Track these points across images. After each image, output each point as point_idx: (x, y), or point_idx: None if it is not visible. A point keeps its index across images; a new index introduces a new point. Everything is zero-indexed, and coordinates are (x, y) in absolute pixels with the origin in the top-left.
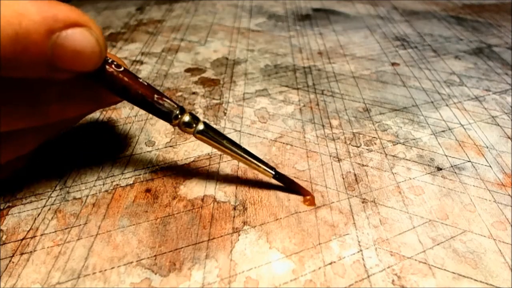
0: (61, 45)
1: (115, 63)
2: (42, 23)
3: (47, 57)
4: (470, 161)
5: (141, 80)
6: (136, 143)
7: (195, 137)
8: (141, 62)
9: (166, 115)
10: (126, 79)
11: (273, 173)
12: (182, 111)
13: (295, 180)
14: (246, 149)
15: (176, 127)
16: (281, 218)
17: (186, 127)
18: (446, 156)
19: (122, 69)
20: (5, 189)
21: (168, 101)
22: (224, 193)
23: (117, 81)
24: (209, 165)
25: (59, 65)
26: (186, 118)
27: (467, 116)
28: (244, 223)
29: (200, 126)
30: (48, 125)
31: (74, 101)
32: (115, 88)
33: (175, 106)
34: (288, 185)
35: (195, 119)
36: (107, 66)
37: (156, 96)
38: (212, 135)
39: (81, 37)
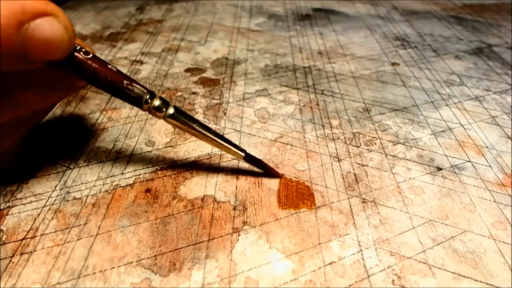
0: (31, 36)
1: (83, 49)
2: (11, 17)
3: (19, 50)
4: (470, 161)
5: (110, 66)
6: (136, 143)
7: (166, 121)
8: (141, 62)
9: (136, 100)
10: (95, 65)
11: (243, 154)
12: (152, 95)
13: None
14: (217, 132)
15: (147, 112)
16: (281, 218)
17: (156, 112)
18: (446, 156)
19: (90, 55)
20: (5, 189)
21: (138, 86)
22: (224, 193)
23: (86, 68)
24: (209, 165)
25: (31, 55)
26: (157, 102)
27: (467, 116)
28: (244, 223)
29: (171, 110)
30: (23, 118)
31: (45, 91)
32: (84, 75)
33: (145, 91)
34: (259, 167)
35: (165, 103)
36: (76, 53)
37: (125, 81)
38: (183, 119)
39: (50, 26)
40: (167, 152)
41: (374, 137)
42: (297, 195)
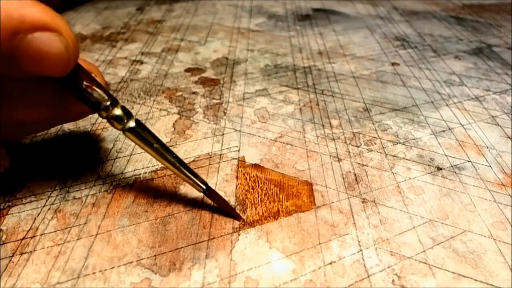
0: (25, 47)
1: None
2: (5, 23)
3: (9, 57)
4: (470, 161)
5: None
6: None
7: (124, 135)
8: (141, 62)
9: (94, 105)
10: None
11: (204, 188)
12: (114, 103)
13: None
14: (180, 158)
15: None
16: (281, 218)
17: (115, 122)
18: (446, 156)
19: None
20: (5, 189)
21: (99, 91)
22: (224, 193)
23: None
24: (209, 165)
25: (23, 66)
26: (117, 111)
27: (467, 116)
28: (244, 223)
29: (131, 123)
30: (5, 126)
31: (30, 103)
32: None
33: (106, 97)
34: (219, 205)
35: (127, 114)
36: None
37: (85, 83)
38: (143, 136)
39: (48, 42)
40: None
41: (374, 137)
42: (297, 195)
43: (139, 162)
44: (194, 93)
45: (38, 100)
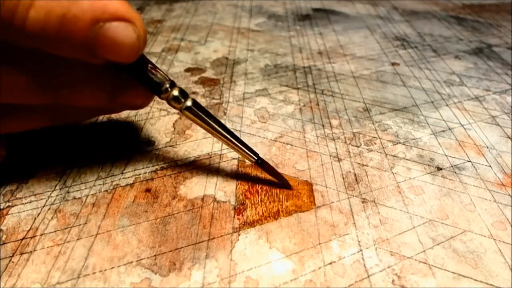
0: (103, 35)
1: None
2: (89, 11)
3: (88, 43)
4: (470, 161)
5: None
6: (136, 143)
7: (182, 113)
8: None
9: (157, 86)
10: None
11: (256, 158)
12: (173, 85)
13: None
14: (232, 131)
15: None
16: (281, 218)
17: (174, 102)
18: (446, 156)
19: None
20: (5, 189)
21: (161, 72)
22: (224, 193)
23: None
24: (209, 164)
25: (97, 52)
26: (175, 92)
27: (467, 116)
28: (244, 223)
29: (188, 103)
30: (55, 108)
31: (88, 88)
32: None
33: (167, 78)
34: (271, 174)
35: (183, 95)
36: None
37: (149, 66)
38: (199, 113)
39: (124, 31)
40: (167, 151)
41: (374, 137)
42: (297, 195)
43: (139, 162)
44: (194, 93)
45: (98, 88)
